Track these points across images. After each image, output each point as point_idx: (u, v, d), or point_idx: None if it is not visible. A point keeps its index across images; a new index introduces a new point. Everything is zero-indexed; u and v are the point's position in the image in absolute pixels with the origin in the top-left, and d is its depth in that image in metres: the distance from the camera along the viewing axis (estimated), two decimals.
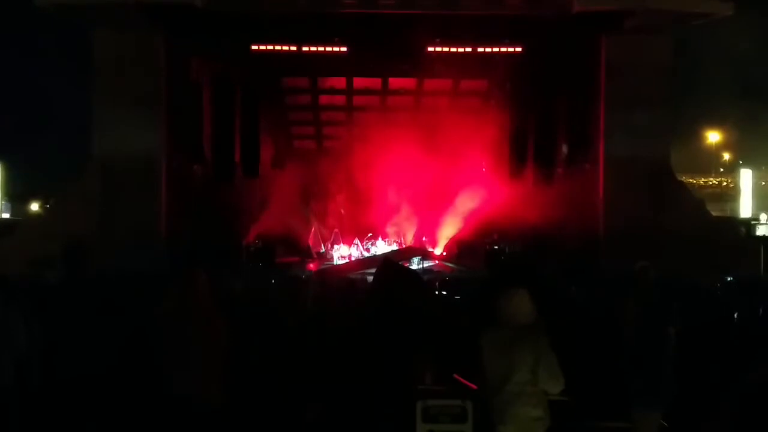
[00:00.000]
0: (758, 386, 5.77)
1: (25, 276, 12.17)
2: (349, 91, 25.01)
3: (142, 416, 5.58)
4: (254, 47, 20.16)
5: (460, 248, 23.39)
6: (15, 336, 5.88)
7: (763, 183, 47.78)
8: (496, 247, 21.91)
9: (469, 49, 20.75)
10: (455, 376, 6.90)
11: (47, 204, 35.21)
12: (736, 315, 8.42)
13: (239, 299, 9.53)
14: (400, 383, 6.50)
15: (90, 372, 5.62)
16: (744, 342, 7.41)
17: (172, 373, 5.44)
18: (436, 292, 11.61)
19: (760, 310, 9.21)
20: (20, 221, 26.67)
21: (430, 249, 23.72)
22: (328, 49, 20.34)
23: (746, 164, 46.22)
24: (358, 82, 24.34)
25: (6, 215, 42.93)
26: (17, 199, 46.20)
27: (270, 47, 20.28)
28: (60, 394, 5.74)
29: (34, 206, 44.95)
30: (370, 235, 24.46)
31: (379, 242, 24.35)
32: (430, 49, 20.40)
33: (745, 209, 42.30)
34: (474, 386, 5.87)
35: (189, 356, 5.45)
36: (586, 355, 7.34)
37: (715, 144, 50.29)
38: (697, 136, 47.89)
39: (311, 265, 21.70)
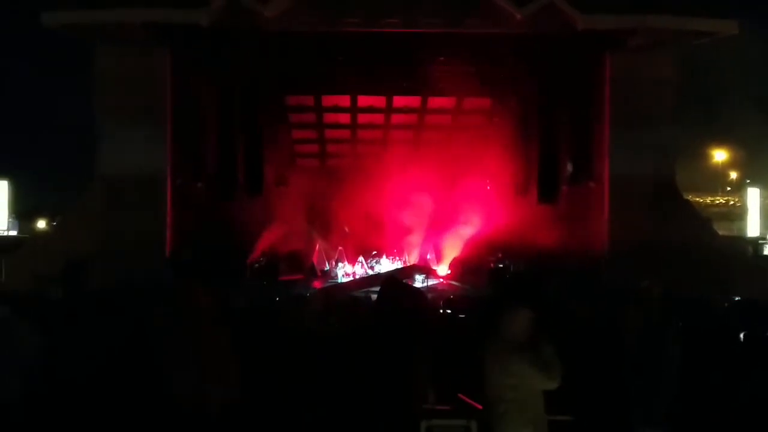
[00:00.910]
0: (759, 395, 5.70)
1: (31, 291, 12.18)
2: (353, 109, 25.07)
3: (143, 425, 5.54)
4: (259, 65, 20.26)
5: (464, 266, 23.30)
6: (22, 349, 5.88)
7: None
8: (500, 265, 21.81)
9: (473, 68, 20.81)
10: (459, 395, 6.82)
11: (54, 221, 35.28)
12: (742, 335, 8.31)
13: (242, 316, 9.48)
14: (402, 401, 6.42)
15: (91, 383, 5.57)
16: (749, 362, 7.31)
17: (173, 379, 5.41)
18: (441, 310, 11.52)
19: None
20: (27, 238, 26.74)
21: (435, 267, 23.63)
22: (333, 67, 20.42)
23: (753, 183, 46.05)
24: (362, 100, 24.40)
25: (13, 233, 43.01)
26: (24, 216, 46.37)
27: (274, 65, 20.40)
28: (63, 406, 5.70)
29: (41, 224, 45.08)
30: (374, 253, 24.40)
31: (384, 260, 24.29)
32: (435, 67, 20.45)
33: (753, 228, 42.10)
34: (479, 406, 5.81)
35: (190, 361, 5.42)
36: (588, 372, 7.26)
37: (722, 163, 50.19)
38: (703, 155, 47.83)
39: (315, 283, 21.63)
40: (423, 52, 19.29)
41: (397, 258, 24.62)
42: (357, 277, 22.86)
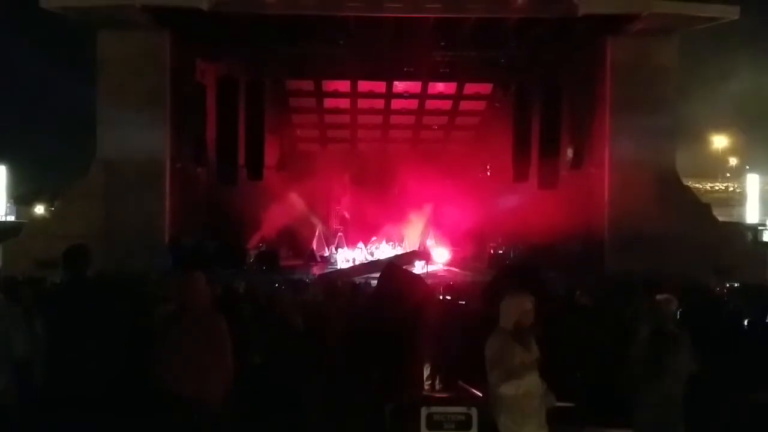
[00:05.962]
0: None
1: (31, 276, 12.17)
2: (354, 94, 24.95)
3: (143, 417, 5.52)
4: (259, 49, 20.18)
5: (464, 252, 23.27)
6: (14, 338, 5.83)
7: None
8: (500, 251, 21.79)
9: (474, 53, 20.71)
10: (460, 382, 6.81)
11: (52, 206, 35.16)
12: (746, 322, 8.28)
13: (241, 301, 9.48)
14: (400, 387, 6.42)
15: (91, 373, 5.54)
16: (753, 350, 7.28)
17: (173, 374, 5.39)
18: (440, 297, 11.51)
19: None
20: (25, 223, 26.70)
21: (434, 253, 23.61)
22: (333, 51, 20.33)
23: (753, 169, 46.01)
24: (363, 85, 24.28)
25: (11, 218, 42.89)
26: (22, 201, 46.18)
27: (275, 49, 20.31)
28: (61, 395, 5.66)
29: (39, 209, 44.90)
30: (374, 238, 24.36)
31: (384, 246, 24.25)
32: (435, 52, 20.34)
33: (752, 215, 42.12)
34: (480, 393, 5.78)
35: (189, 356, 5.40)
36: (590, 358, 7.25)
37: (722, 149, 50.10)
38: (703, 141, 47.72)
39: (315, 269, 21.61)
40: (424, 36, 19.18)
41: (397, 244, 24.58)
42: (357, 263, 22.84)
